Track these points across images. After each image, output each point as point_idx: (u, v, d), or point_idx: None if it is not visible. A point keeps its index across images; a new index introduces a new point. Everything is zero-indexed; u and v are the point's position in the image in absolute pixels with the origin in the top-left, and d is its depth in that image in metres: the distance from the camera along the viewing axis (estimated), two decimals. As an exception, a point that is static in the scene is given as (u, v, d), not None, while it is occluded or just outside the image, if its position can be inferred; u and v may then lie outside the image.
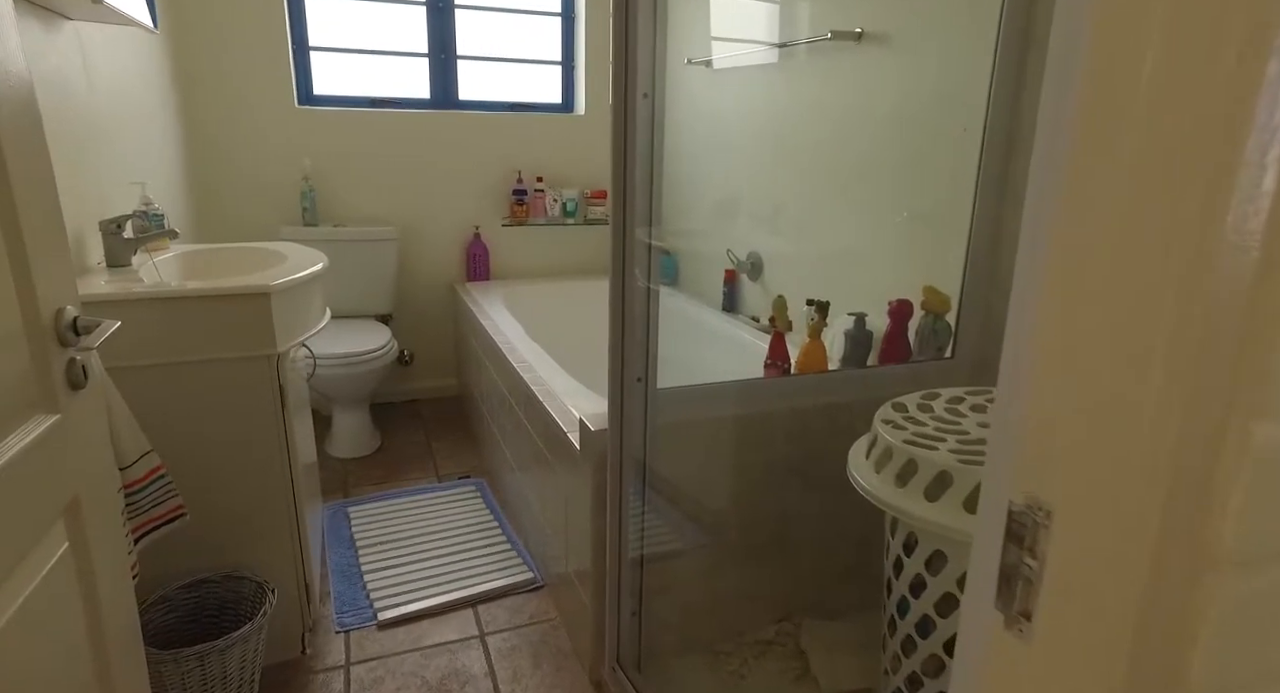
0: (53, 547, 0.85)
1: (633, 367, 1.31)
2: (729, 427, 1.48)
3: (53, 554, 0.85)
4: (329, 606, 1.79)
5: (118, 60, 1.84)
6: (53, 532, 0.86)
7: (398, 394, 3.09)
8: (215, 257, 1.78)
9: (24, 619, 0.77)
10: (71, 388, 0.90)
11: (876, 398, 1.51)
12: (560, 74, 3.13)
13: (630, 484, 1.38)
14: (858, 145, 1.92)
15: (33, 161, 0.85)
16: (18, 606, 0.77)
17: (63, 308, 0.89)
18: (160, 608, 1.43)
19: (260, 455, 1.48)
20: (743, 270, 2.51)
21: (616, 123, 1.19)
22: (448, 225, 3.01)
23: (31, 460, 0.81)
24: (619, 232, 1.24)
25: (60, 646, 0.85)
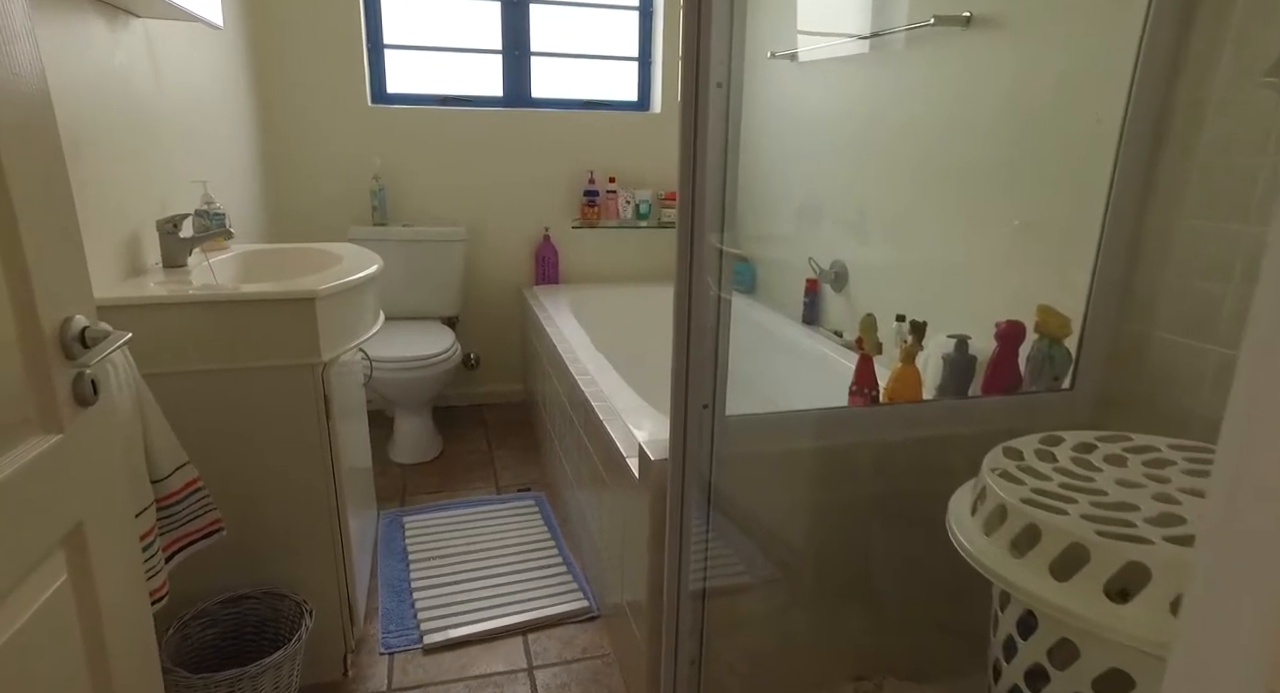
0: (47, 579, 0.78)
1: (699, 391, 1.16)
2: (807, 459, 1.31)
3: (47, 588, 0.77)
4: (376, 623, 1.71)
5: (189, 58, 1.82)
6: (49, 563, 0.78)
7: (462, 398, 3.04)
8: (272, 258, 1.73)
9: (9, 662, 0.69)
10: (79, 404, 0.83)
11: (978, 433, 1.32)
12: (636, 70, 3.01)
13: (693, 519, 1.23)
14: (960, 143, 1.71)
15: (40, 162, 0.78)
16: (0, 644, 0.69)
17: (70, 318, 0.81)
18: (200, 622, 1.38)
19: (303, 468, 1.41)
20: (826, 280, 2.32)
21: (686, 115, 1.05)
22: (517, 226, 2.94)
23: (24, 486, 0.73)
24: (685, 235, 1.10)
25: (58, 683, 0.78)
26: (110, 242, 1.36)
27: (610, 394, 1.75)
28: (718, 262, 1.15)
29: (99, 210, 1.32)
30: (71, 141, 1.23)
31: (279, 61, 2.56)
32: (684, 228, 1.10)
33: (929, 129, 1.83)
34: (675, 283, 1.11)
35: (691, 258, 1.10)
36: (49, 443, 0.78)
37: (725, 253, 1.15)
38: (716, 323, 1.15)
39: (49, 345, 0.77)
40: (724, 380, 1.20)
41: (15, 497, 0.72)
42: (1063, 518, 0.79)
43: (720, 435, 1.22)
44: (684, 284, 1.11)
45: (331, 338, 1.37)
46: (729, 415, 1.23)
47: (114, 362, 1.07)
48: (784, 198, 2.54)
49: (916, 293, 1.93)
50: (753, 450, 1.28)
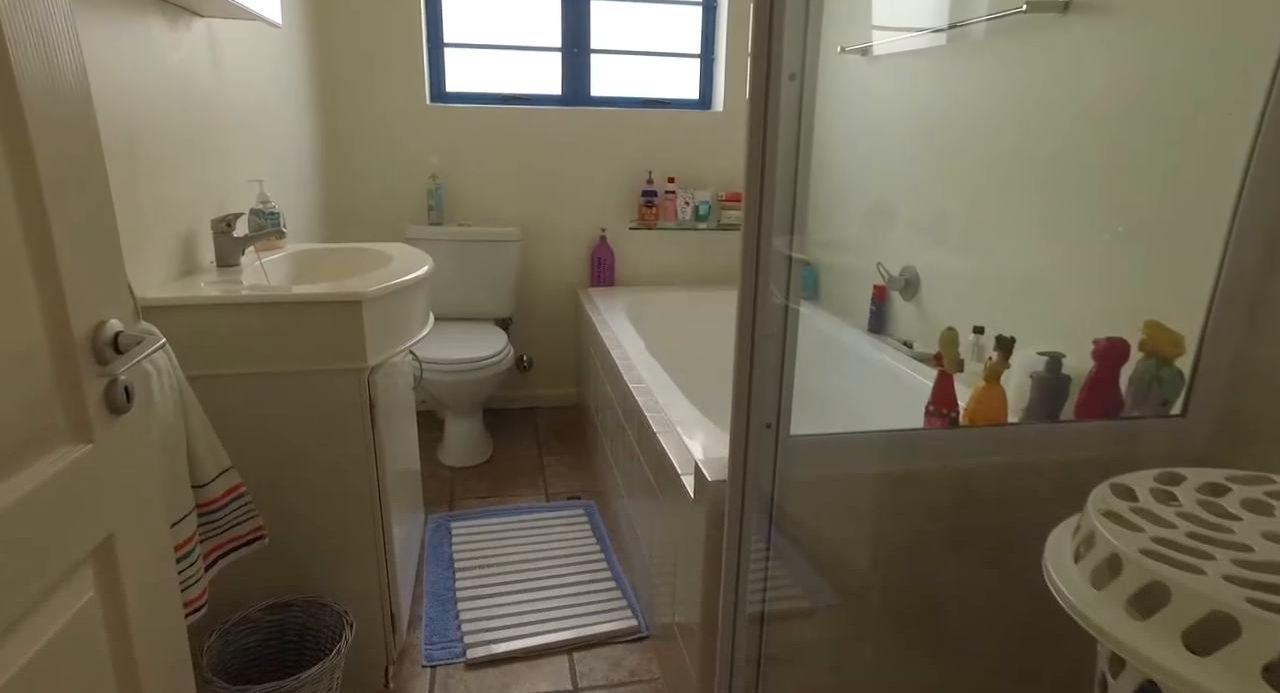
0: (74, 597, 0.74)
1: (761, 409, 1.07)
2: (878, 484, 1.20)
3: (73, 605, 0.73)
4: (419, 632, 1.67)
5: (249, 56, 1.82)
6: (76, 578, 0.74)
7: (514, 401, 3.00)
8: (324, 257, 1.71)
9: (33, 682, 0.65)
10: (112, 412, 0.79)
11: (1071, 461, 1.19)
12: (698, 68, 2.92)
13: (751, 546, 1.14)
14: (1049, 141, 1.57)
15: (76, 162, 0.74)
16: (21, 666, 0.65)
17: (104, 322, 0.77)
18: (242, 629, 1.35)
19: (347, 475, 1.37)
20: (894, 288, 2.19)
21: (755, 109, 0.96)
22: (573, 227, 2.88)
23: (50, 498, 0.69)
24: (751, 239, 1.01)
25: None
26: (167, 240, 1.35)
27: (665, 404, 1.66)
28: (785, 269, 1.05)
29: (156, 208, 1.31)
30: (128, 139, 1.22)
31: (339, 60, 2.56)
32: (750, 231, 1.01)
33: (1013, 126, 1.69)
34: (739, 291, 1.02)
35: (757, 264, 1.02)
36: (78, 453, 0.74)
37: (793, 260, 1.05)
38: (783, 336, 1.06)
39: (80, 351, 0.74)
40: (789, 399, 1.11)
41: (41, 510, 0.68)
42: (1199, 578, 0.67)
43: (784, 456, 1.12)
44: (748, 292, 1.02)
45: (378, 342, 1.33)
46: (794, 436, 1.13)
47: (156, 364, 1.04)
48: (851, 200, 2.41)
49: (995, 303, 1.79)
50: (819, 474, 1.18)
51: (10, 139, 0.65)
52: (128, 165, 1.21)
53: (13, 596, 0.64)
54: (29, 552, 0.66)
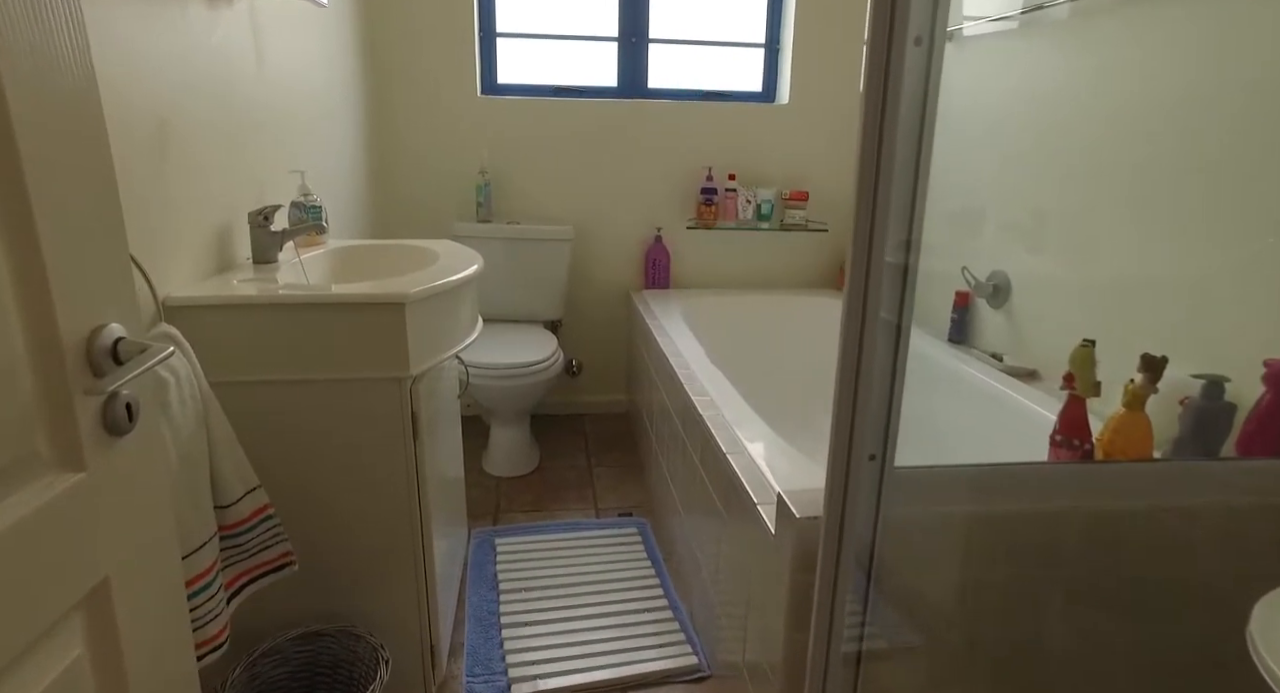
0: (57, 656, 0.62)
1: (865, 439, 0.91)
2: (992, 525, 1.03)
3: (56, 666, 0.61)
4: (460, 661, 1.54)
5: (293, 40, 1.71)
6: (60, 633, 0.62)
7: (562, 407, 2.87)
8: (367, 255, 1.59)
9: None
10: (110, 433, 0.67)
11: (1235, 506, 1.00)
12: (763, 58, 2.75)
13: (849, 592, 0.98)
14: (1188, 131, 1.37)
15: (74, 150, 0.62)
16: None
17: (102, 327, 0.65)
18: (270, 660, 1.24)
19: (385, 494, 1.24)
20: (981, 294, 1.99)
21: (873, 82, 0.80)
22: (627, 226, 2.74)
23: (31, 538, 0.57)
24: (863, 244, 0.85)
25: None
26: (199, 234, 1.24)
27: (732, 420, 1.50)
28: (899, 281, 0.89)
29: (188, 199, 1.20)
30: (157, 124, 1.11)
31: (388, 49, 2.47)
32: (861, 233, 0.85)
33: (1136, 113, 1.49)
34: (844, 304, 0.86)
35: (867, 273, 0.85)
36: (67, 483, 0.62)
37: (911, 268, 0.89)
38: (894, 353, 0.90)
39: (70, 362, 0.61)
40: (896, 427, 0.94)
41: (18, 552, 0.56)
42: None
43: (889, 491, 0.96)
44: (855, 306, 0.86)
45: (422, 348, 1.20)
46: (899, 468, 0.96)
47: (175, 371, 0.92)
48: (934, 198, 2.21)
49: (1108, 313, 1.58)
50: (925, 511, 1.01)
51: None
52: (155, 152, 1.10)
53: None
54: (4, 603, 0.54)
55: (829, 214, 2.76)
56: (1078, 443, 1.05)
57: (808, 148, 2.73)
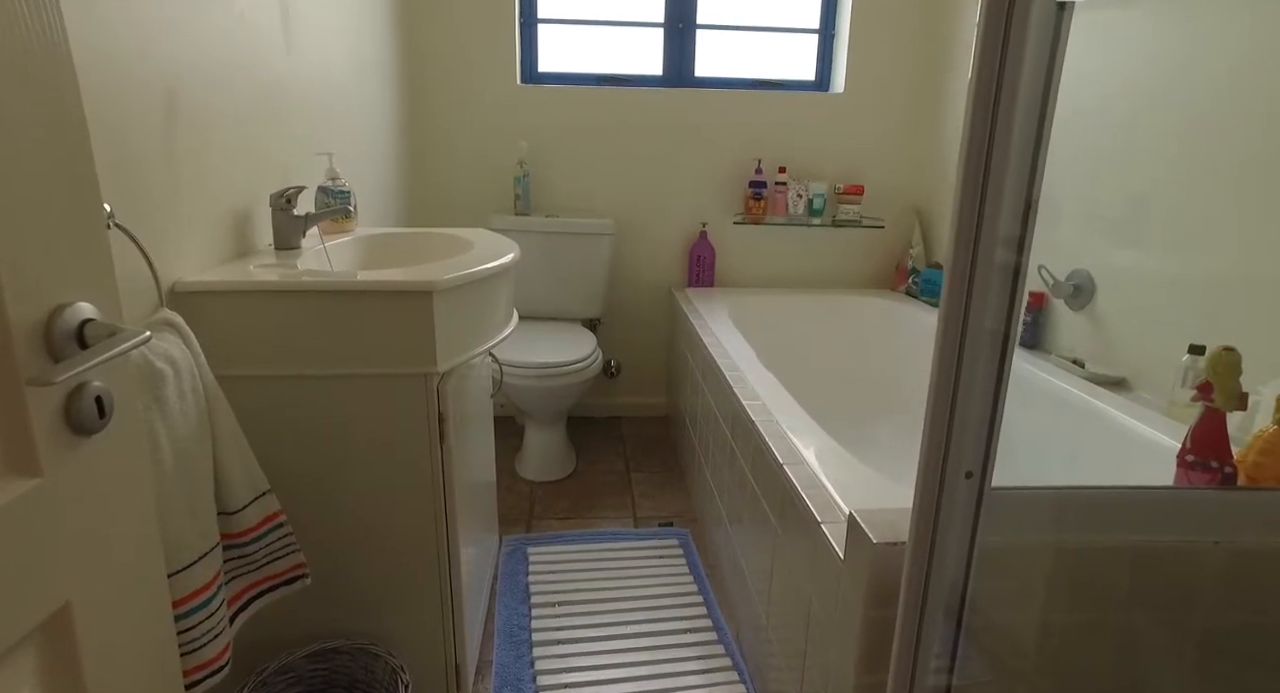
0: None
1: (962, 454, 0.77)
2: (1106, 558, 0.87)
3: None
4: (488, 682, 1.43)
5: (326, 15, 1.63)
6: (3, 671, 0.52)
7: (599, 409, 2.75)
8: (397, 243, 1.50)
9: None
10: (74, 432, 0.56)
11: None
12: (816, 45, 2.60)
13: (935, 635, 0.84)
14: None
15: (27, 98, 0.52)
16: None
17: (64, 306, 0.55)
18: (283, 679, 1.14)
19: (408, 501, 1.14)
20: (1060, 295, 1.82)
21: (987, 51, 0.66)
22: (671, 221, 2.61)
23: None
24: (967, 236, 0.71)
25: None
26: (215, 216, 1.15)
27: (789, 428, 1.37)
28: (1009, 283, 0.75)
29: (203, 179, 1.11)
30: (164, 94, 1.01)
31: (425, 32, 2.38)
32: (964, 225, 0.71)
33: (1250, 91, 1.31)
34: (944, 296, 0.73)
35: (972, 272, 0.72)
36: (17, 491, 0.52)
37: (1022, 269, 0.75)
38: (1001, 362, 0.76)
39: (20, 346, 0.51)
40: (996, 442, 0.80)
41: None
42: None
43: (987, 514, 0.81)
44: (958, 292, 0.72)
45: (451, 342, 1.09)
46: (996, 489, 0.82)
47: (174, 361, 0.82)
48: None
49: (1212, 317, 1.41)
50: (1025, 541, 0.87)
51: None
52: (161, 127, 1.01)
53: None
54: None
55: (885, 210, 2.60)
56: (1216, 465, 0.89)
57: (864, 140, 2.57)
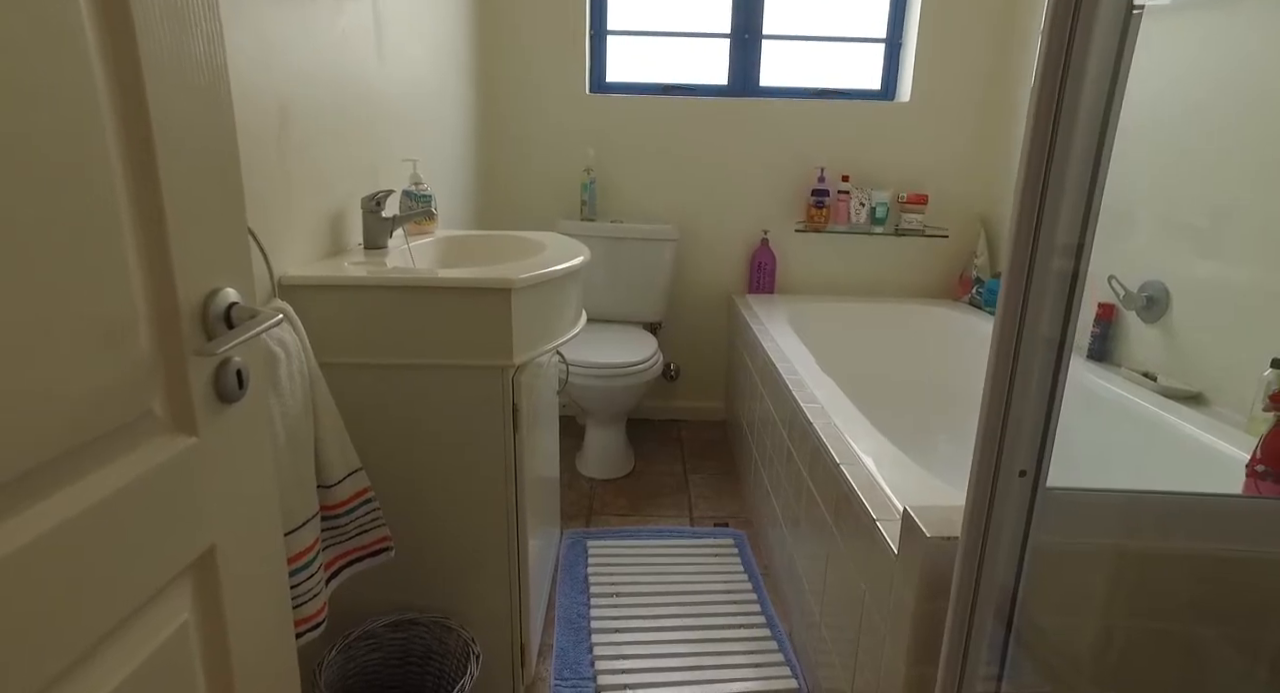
0: (166, 619, 0.61)
1: (1016, 453, 0.80)
2: (1169, 566, 0.88)
3: (165, 629, 0.60)
4: (549, 663, 1.50)
5: (413, 31, 1.74)
6: (169, 597, 0.61)
7: (657, 412, 2.81)
8: (473, 244, 1.59)
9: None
10: (220, 400, 0.65)
11: None
12: (883, 54, 2.62)
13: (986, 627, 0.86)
14: None
15: (199, 119, 0.62)
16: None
17: (217, 290, 0.64)
18: (365, 645, 1.23)
19: (482, 486, 1.22)
20: (1131, 307, 1.79)
21: (1054, 43, 0.69)
22: (733, 228, 2.66)
23: (144, 499, 0.56)
24: (1024, 241, 0.74)
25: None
26: (314, 217, 1.26)
27: (847, 431, 1.40)
28: (1065, 290, 0.78)
29: (305, 182, 1.22)
30: (278, 108, 1.12)
31: (500, 45, 2.49)
32: (1024, 229, 0.74)
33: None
34: (1003, 300, 0.76)
35: (1030, 273, 0.75)
36: (180, 447, 0.61)
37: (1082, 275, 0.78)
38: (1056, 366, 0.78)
39: (185, 323, 0.60)
40: (1052, 442, 0.82)
41: (131, 513, 0.55)
42: None
43: (1040, 512, 0.84)
44: (1015, 295, 0.75)
45: (526, 337, 1.17)
46: (1051, 489, 0.84)
47: (286, 346, 0.92)
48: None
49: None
50: (1081, 543, 0.89)
51: (120, 82, 0.53)
52: (276, 136, 1.12)
53: (94, 616, 0.51)
54: (115, 563, 0.53)
55: (950, 220, 2.59)
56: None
57: (929, 149, 2.57)
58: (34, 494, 0.48)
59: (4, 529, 0.45)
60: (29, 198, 0.45)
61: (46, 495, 0.49)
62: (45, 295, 0.47)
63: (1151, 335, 1.76)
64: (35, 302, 0.46)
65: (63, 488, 0.50)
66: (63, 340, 0.49)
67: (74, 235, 0.49)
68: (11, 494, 0.46)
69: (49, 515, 0.48)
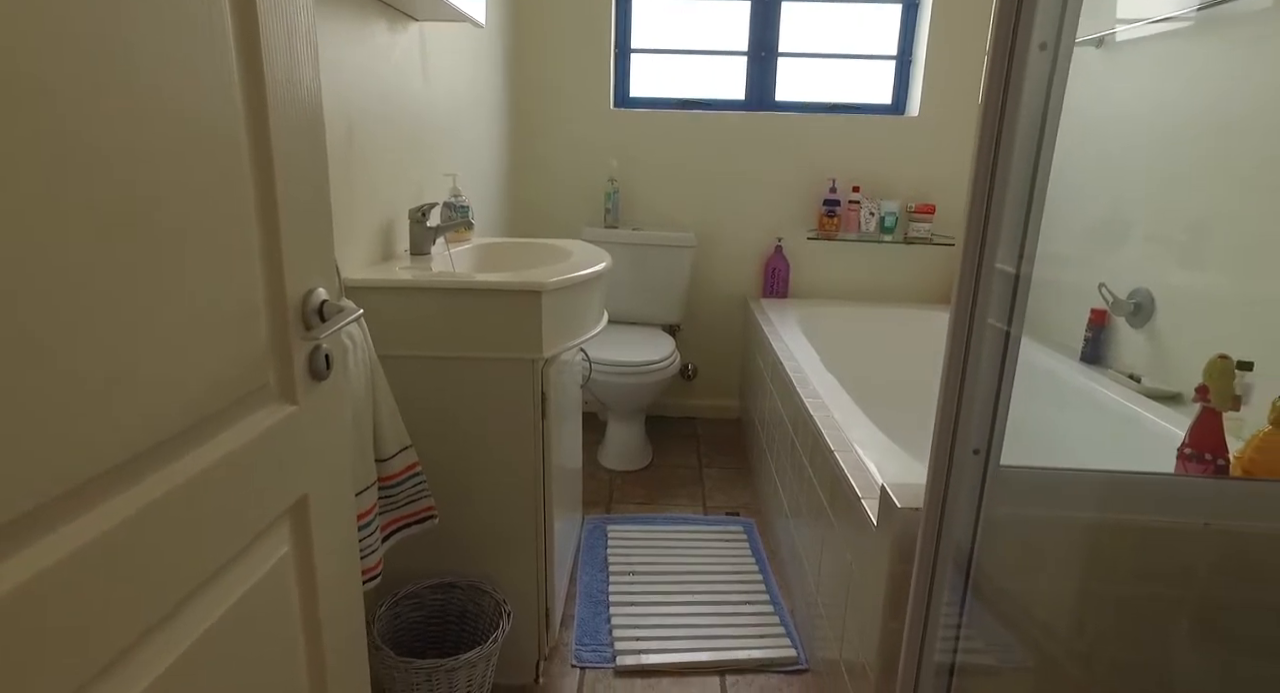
0: (272, 550, 0.76)
1: (969, 433, 0.93)
2: (1106, 535, 1.02)
3: (271, 558, 0.76)
4: (571, 631, 1.66)
5: (452, 57, 1.92)
6: (274, 533, 0.77)
7: (674, 409, 2.96)
8: (506, 250, 1.75)
9: (233, 626, 0.68)
10: (313, 378, 0.81)
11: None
12: (894, 70, 2.75)
13: (944, 590, 1.00)
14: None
15: (304, 145, 0.78)
16: (228, 607, 0.68)
17: (313, 289, 0.80)
18: (409, 603, 1.39)
19: (514, 465, 1.37)
20: (1120, 313, 1.91)
21: (992, 86, 0.84)
22: (748, 235, 2.80)
23: (259, 453, 0.72)
24: (973, 251, 0.88)
25: (274, 649, 0.76)
26: (370, 226, 1.43)
27: (843, 423, 1.54)
28: (1009, 289, 0.92)
29: (365, 196, 1.39)
30: (346, 131, 1.30)
31: (532, 64, 2.67)
32: (972, 238, 0.88)
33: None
34: (954, 298, 0.90)
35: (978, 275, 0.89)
36: (284, 413, 0.77)
37: (1021, 278, 0.91)
38: (1002, 355, 0.92)
39: (291, 315, 0.76)
40: (1003, 422, 0.96)
41: (250, 463, 0.71)
42: None
43: (992, 487, 0.97)
44: (967, 296, 0.89)
45: (554, 334, 1.33)
46: (1005, 466, 0.98)
47: (353, 337, 1.08)
48: (1068, 211, 2.14)
49: (1269, 336, 1.49)
50: (1031, 514, 1.02)
51: (254, 117, 0.69)
52: (344, 154, 1.29)
53: (224, 542, 0.67)
54: (240, 502, 0.69)
55: (957, 228, 2.70)
56: (1210, 458, 1.02)
57: (937, 161, 2.69)
58: (194, 442, 0.64)
59: (178, 467, 0.61)
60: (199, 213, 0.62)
61: (201, 444, 0.65)
62: (205, 289, 0.63)
63: (1139, 340, 1.87)
64: (197, 293, 0.62)
65: (211, 438, 0.66)
66: (215, 324, 0.65)
67: (224, 241, 0.65)
68: (184, 441, 0.62)
69: (202, 459, 0.64)
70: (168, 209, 0.58)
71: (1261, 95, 1.52)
